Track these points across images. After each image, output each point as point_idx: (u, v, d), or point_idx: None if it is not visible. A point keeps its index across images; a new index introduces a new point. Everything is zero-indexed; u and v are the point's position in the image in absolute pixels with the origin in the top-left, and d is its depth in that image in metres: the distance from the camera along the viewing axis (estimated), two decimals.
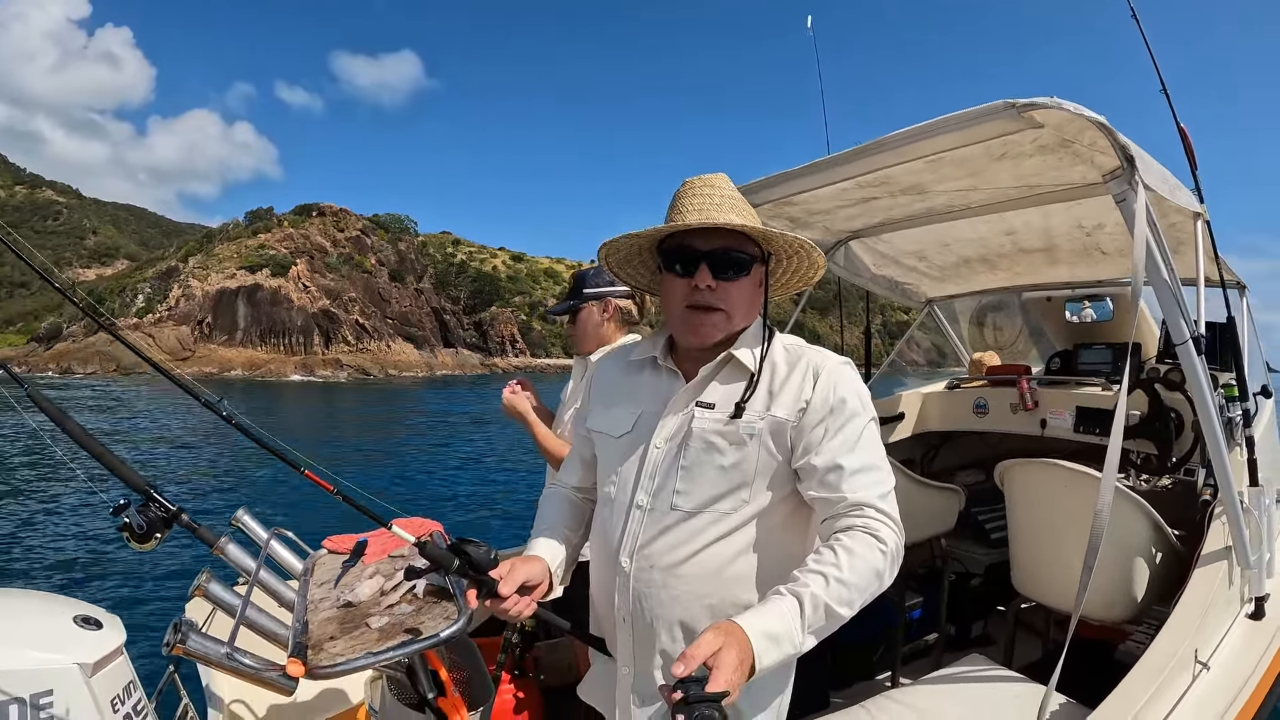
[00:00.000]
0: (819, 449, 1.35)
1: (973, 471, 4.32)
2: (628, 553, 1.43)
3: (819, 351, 1.46)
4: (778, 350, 1.47)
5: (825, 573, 1.19)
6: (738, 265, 1.42)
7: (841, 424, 1.36)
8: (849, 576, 1.19)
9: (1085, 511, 2.69)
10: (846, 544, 1.24)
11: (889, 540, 1.26)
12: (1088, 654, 2.19)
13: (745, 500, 1.38)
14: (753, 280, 1.46)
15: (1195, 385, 2.15)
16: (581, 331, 2.66)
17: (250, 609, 1.61)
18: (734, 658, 1.04)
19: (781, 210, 2.97)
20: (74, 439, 1.74)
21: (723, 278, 1.41)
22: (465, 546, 1.33)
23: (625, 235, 1.50)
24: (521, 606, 1.35)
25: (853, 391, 1.39)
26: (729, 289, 1.42)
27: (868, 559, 1.23)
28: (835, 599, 1.17)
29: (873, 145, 2.11)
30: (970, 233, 3.19)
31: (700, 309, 1.42)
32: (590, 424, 1.63)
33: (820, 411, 1.37)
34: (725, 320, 1.43)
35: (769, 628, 1.12)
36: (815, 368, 1.41)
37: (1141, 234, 1.83)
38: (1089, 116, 1.77)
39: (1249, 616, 2.35)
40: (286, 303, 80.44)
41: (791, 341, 1.51)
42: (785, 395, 1.40)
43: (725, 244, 1.41)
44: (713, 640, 1.06)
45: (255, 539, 2.11)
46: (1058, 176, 2.35)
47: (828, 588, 1.18)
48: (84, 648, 1.38)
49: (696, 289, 1.41)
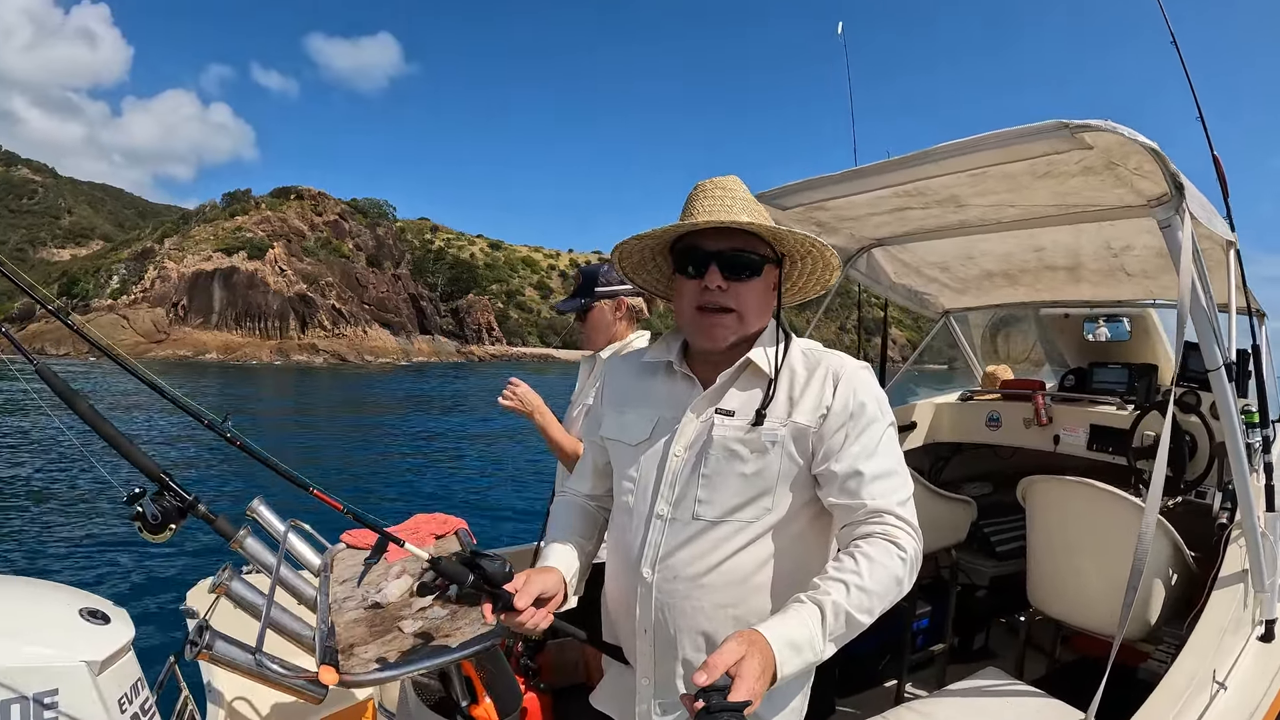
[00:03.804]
0: (839, 455, 1.34)
1: (981, 484, 4.34)
2: (649, 564, 1.41)
3: (837, 356, 1.45)
4: (796, 355, 1.46)
5: (846, 580, 1.19)
6: (749, 266, 1.41)
7: (861, 429, 1.35)
8: (869, 584, 1.19)
9: (1107, 530, 2.74)
10: (867, 551, 1.24)
11: (908, 547, 1.26)
12: (1101, 670, 2.22)
13: (768, 508, 1.38)
14: (765, 282, 1.44)
15: (1225, 412, 2.16)
16: (593, 329, 2.64)
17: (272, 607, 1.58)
18: (757, 666, 1.03)
19: (811, 215, 2.97)
20: (86, 421, 1.66)
21: (734, 278, 1.40)
22: (479, 560, 1.31)
23: (636, 236, 1.48)
24: (538, 619, 1.33)
25: (872, 397, 1.39)
26: (740, 290, 1.40)
27: (888, 566, 1.22)
28: (856, 606, 1.17)
29: (918, 155, 2.12)
30: (998, 247, 3.20)
31: (711, 310, 1.41)
32: (604, 431, 1.61)
33: (841, 417, 1.36)
34: (737, 322, 1.42)
35: (791, 636, 1.12)
36: (835, 373, 1.40)
37: (1188, 262, 1.84)
38: (1142, 142, 1.78)
39: (1260, 639, 2.38)
40: (263, 286, 79.97)
41: (809, 346, 1.50)
42: (806, 401, 1.38)
43: (735, 244, 1.40)
44: (735, 649, 1.05)
45: (272, 531, 2.07)
46: (1095, 198, 2.35)
47: (849, 595, 1.17)
48: (91, 644, 1.30)
49: (707, 289, 1.40)
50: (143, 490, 1.68)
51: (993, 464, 4.49)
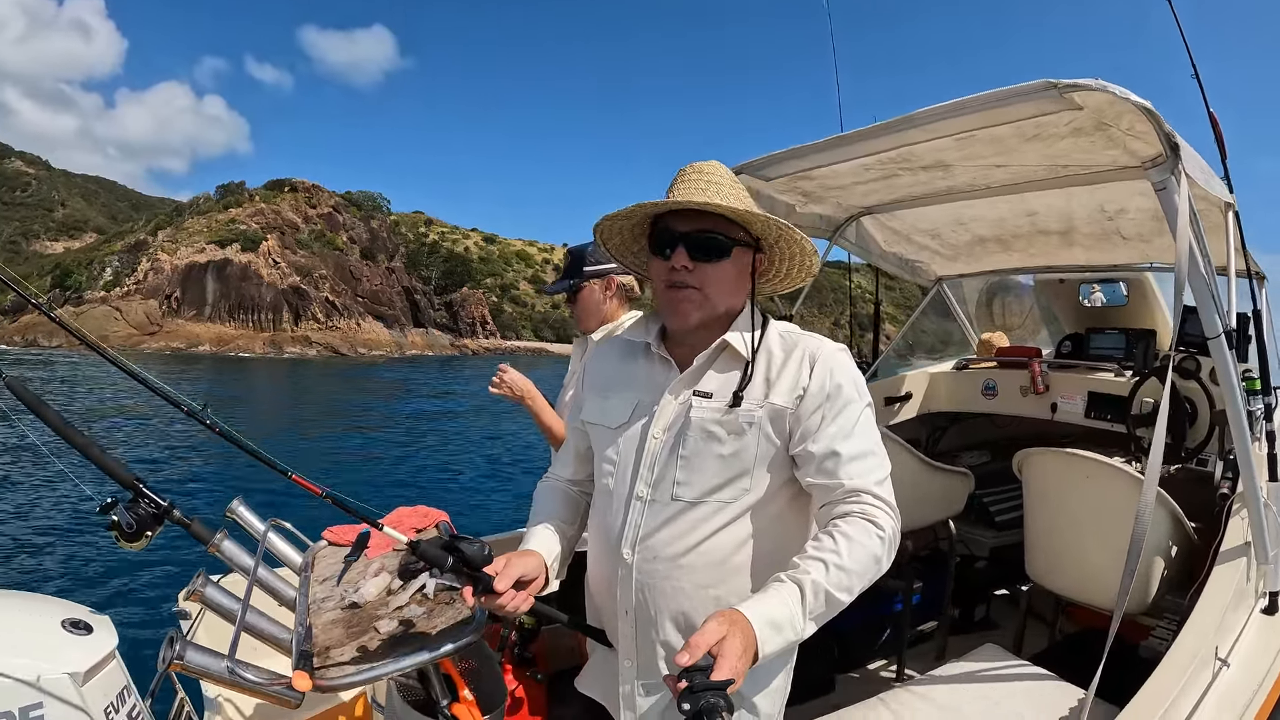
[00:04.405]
0: (816, 435, 1.36)
1: (979, 453, 4.30)
2: (630, 544, 1.43)
3: (814, 338, 1.47)
4: (773, 337, 1.47)
5: (825, 559, 1.21)
6: (717, 248, 1.41)
7: (838, 410, 1.37)
8: (848, 563, 1.21)
9: (1105, 502, 2.68)
10: (845, 530, 1.25)
11: (886, 526, 1.28)
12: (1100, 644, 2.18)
13: (746, 489, 1.39)
14: (735, 264, 1.44)
15: (1225, 379, 2.10)
16: (584, 310, 2.62)
17: (250, 612, 1.55)
18: (738, 645, 1.05)
19: (795, 185, 2.89)
20: (55, 430, 1.63)
21: (700, 259, 1.40)
22: (459, 544, 1.31)
23: (609, 215, 1.50)
24: (518, 602, 1.35)
25: (849, 378, 1.40)
26: (706, 270, 1.41)
27: (866, 545, 1.24)
28: (835, 585, 1.19)
29: (903, 120, 2.04)
30: (989, 212, 3.11)
31: (678, 287, 1.42)
32: (585, 416, 1.62)
33: (817, 398, 1.37)
34: (701, 298, 1.42)
35: (772, 615, 1.13)
36: (812, 354, 1.42)
37: (1184, 225, 1.77)
38: (1134, 101, 1.70)
39: (1263, 611, 2.33)
40: (256, 278, 79.71)
41: (786, 328, 1.51)
42: (783, 382, 1.40)
43: (703, 226, 1.40)
44: (716, 628, 1.06)
45: (251, 532, 2.03)
46: (1087, 160, 2.28)
47: (828, 574, 1.19)
48: (74, 654, 1.32)
49: (673, 269, 1.41)
50: (116, 499, 1.66)
51: (990, 433, 4.44)
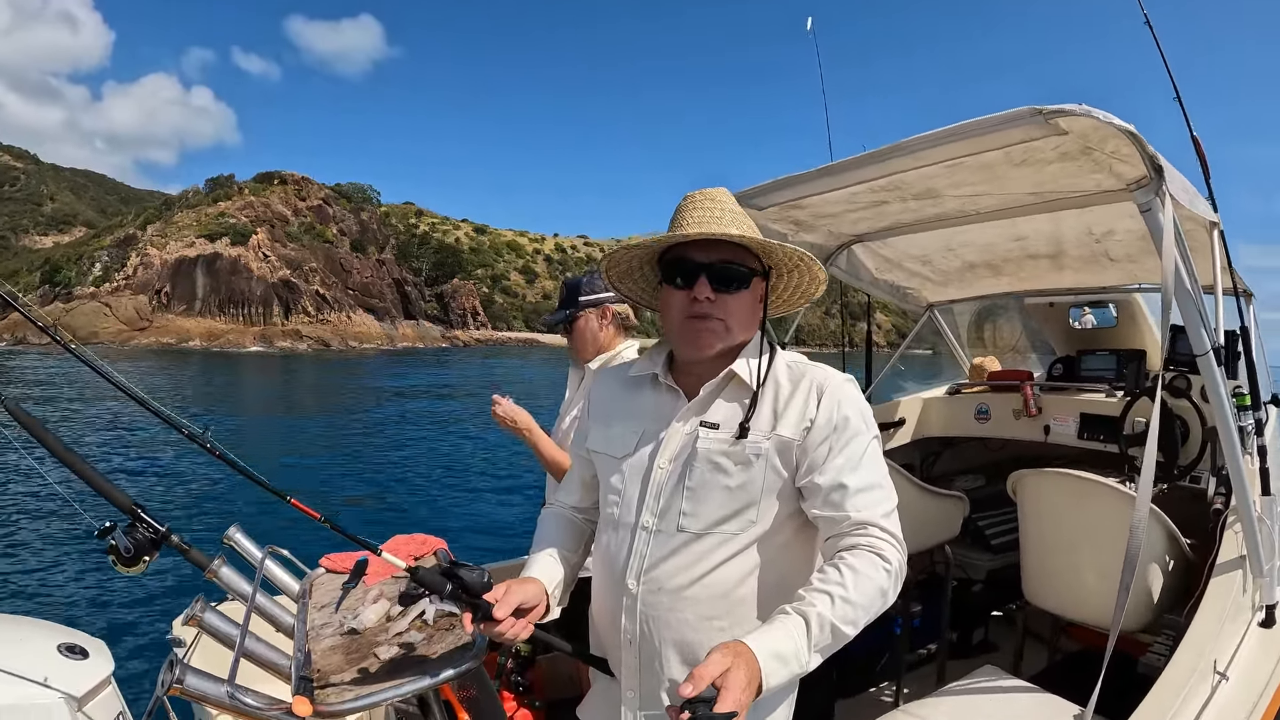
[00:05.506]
0: (823, 468, 1.35)
1: (973, 477, 4.31)
2: (634, 575, 1.42)
3: (822, 369, 1.47)
4: (780, 367, 1.47)
5: (831, 592, 1.20)
6: (737, 278, 1.42)
7: (845, 442, 1.36)
8: (854, 595, 1.20)
9: (1100, 522, 2.70)
10: (851, 563, 1.24)
11: (893, 559, 1.27)
12: (1099, 662, 2.19)
13: (752, 520, 1.38)
14: (753, 294, 1.45)
15: (1215, 396, 2.14)
16: (580, 340, 2.65)
17: (248, 637, 1.55)
18: (742, 678, 1.04)
19: (787, 214, 2.93)
20: (55, 455, 1.64)
21: (722, 290, 1.41)
22: (458, 570, 1.31)
23: (625, 247, 1.50)
24: (518, 629, 1.33)
25: (856, 410, 1.40)
26: (728, 301, 1.42)
27: (872, 578, 1.23)
28: (841, 618, 1.18)
29: (892, 149, 2.08)
30: (979, 238, 3.17)
31: (700, 317, 1.42)
32: (590, 444, 1.61)
33: (824, 430, 1.37)
34: (724, 329, 1.42)
35: (777, 647, 1.12)
36: (819, 385, 1.41)
37: (1170, 245, 1.81)
38: (1118, 125, 1.74)
39: (1260, 624, 2.34)
40: (246, 272, 79.48)
41: (794, 358, 1.50)
42: (790, 414, 1.40)
43: (725, 256, 1.41)
44: (721, 660, 1.05)
45: (249, 558, 2.03)
46: (1073, 184, 2.33)
47: (833, 607, 1.18)
48: (71, 679, 1.31)
49: (695, 300, 1.40)
50: (114, 524, 1.65)
51: (984, 456, 4.47)
